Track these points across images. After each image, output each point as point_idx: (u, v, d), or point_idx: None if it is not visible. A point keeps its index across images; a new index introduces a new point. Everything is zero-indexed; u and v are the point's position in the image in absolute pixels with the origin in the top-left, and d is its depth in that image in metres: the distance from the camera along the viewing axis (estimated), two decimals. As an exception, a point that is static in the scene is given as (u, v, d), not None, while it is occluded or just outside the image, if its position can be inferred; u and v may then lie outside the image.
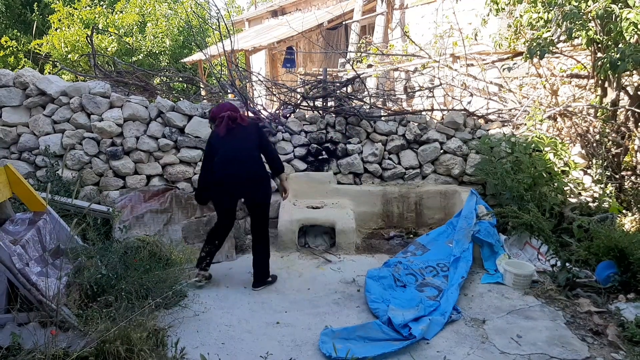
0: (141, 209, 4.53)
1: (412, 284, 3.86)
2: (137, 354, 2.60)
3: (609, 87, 5.28)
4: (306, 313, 3.44)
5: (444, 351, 2.93)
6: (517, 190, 4.58)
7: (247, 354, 2.90)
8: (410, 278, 3.93)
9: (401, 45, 9.01)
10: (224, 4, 23.86)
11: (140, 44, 12.43)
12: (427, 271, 4.06)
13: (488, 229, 4.23)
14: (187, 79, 7.52)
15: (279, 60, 12.15)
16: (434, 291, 3.74)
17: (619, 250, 3.67)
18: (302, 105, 5.83)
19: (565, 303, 3.55)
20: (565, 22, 4.72)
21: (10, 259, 2.86)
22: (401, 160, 5.50)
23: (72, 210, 4.14)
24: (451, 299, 3.52)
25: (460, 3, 7.67)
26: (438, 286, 3.81)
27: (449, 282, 3.83)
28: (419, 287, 3.82)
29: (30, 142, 5.02)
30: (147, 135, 5.17)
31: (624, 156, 5.47)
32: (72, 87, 5.09)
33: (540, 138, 5.02)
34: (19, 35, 12.71)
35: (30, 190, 3.44)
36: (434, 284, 3.85)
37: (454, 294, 3.61)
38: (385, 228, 5.30)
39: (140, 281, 3.20)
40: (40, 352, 2.47)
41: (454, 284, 3.74)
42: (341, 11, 11.01)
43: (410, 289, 3.77)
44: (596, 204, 4.81)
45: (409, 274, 3.98)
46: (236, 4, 24.15)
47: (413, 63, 7.34)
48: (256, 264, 3.88)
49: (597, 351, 2.92)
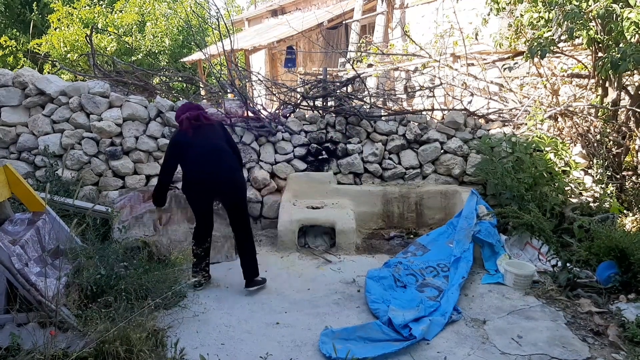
0: (140, 209, 4.51)
1: (413, 284, 3.85)
2: (136, 355, 2.59)
3: (609, 87, 5.27)
4: (306, 313, 3.43)
5: (444, 352, 2.92)
6: (518, 190, 4.57)
7: (246, 354, 2.89)
8: (411, 278, 3.92)
9: (401, 44, 9.00)
10: (223, 3, 23.86)
11: (140, 44, 12.41)
12: (427, 271, 4.05)
13: (489, 229, 4.22)
14: (187, 78, 7.51)
15: (279, 60, 12.14)
16: (435, 291, 3.73)
17: (620, 250, 3.66)
18: (302, 105, 5.82)
19: (566, 303, 3.55)
20: (566, 22, 4.71)
21: (9, 259, 2.85)
22: (401, 160, 5.49)
23: (72, 211, 4.13)
24: (452, 300, 3.52)
25: (461, 2, 7.67)
26: (438, 286, 3.80)
27: (450, 283, 3.82)
28: (419, 287, 3.81)
29: (29, 142, 5.01)
30: (146, 135, 5.16)
31: (625, 156, 5.46)
32: (71, 86, 5.08)
33: (540, 138, 5.01)
34: (18, 34, 12.69)
35: (29, 190, 3.42)
36: (434, 285, 3.84)
37: (455, 294, 3.60)
38: (386, 228, 5.29)
39: (139, 282, 3.19)
40: (40, 352, 2.46)
41: (455, 284, 3.73)
42: (341, 10, 11.00)
43: (410, 290, 3.76)
44: (597, 204, 4.80)
45: (409, 274, 3.97)
46: (236, 4, 24.15)
47: (413, 63, 7.34)
48: (245, 264, 3.79)
49: (597, 352, 2.92)
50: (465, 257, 4.04)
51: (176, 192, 4.68)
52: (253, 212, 5.30)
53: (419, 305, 3.41)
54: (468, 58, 6.50)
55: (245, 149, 5.29)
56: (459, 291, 3.66)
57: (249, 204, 5.24)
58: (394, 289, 3.76)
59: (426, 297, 3.62)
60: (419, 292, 3.72)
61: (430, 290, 3.75)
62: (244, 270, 3.80)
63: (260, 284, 3.84)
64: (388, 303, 3.47)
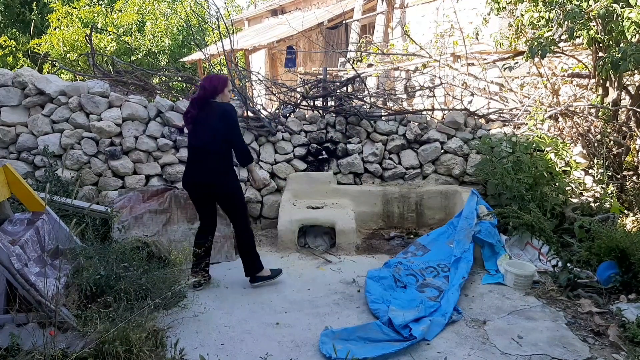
0: (140, 209, 4.51)
1: (413, 284, 3.85)
2: (136, 355, 2.59)
3: (610, 87, 5.26)
4: (306, 313, 3.43)
5: (444, 352, 2.92)
6: (518, 190, 4.57)
7: (246, 354, 2.89)
8: (411, 279, 3.92)
9: (402, 44, 9.00)
10: (223, 3, 23.84)
11: (140, 43, 12.41)
12: (427, 272, 4.04)
13: (489, 229, 4.21)
14: (187, 78, 7.49)
15: (279, 60, 12.14)
16: (435, 292, 3.72)
17: (620, 250, 3.65)
18: (302, 104, 5.81)
19: (566, 303, 3.54)
20: (566, 22, 4.70)
21: (9, 260, 2.84)
22: (402, 160, 5.49)
23: (71, 211, 4.12)
24: (452, 300, 3.51)
25: (461, 2, 7.67)
26: (439, 287, 3.80)
27: (450, 283, 3.81)
28: (419, 287, 3.80)
29: (28, 142, 5.00)
30: (146, 135, 5.15)
31: (626, 156, 5.45)
32: (71, 86, 5.07)
33: (541, 138, 5.01)
34: (17, 34, 12.69)
35: (29, 190, 3.41)
36: (434, 285, 3.84)
37: (455, 294, 3.59)
38: (386, 228, 5.28)
39: (139, 282, 3.18)
40: (39, 352, 2.46)
41: (455, 284, 3.73)
42: (341, 10, 11.00)
43: (410, 290, 3.76)
44: (597, 204, 4.79)
45: (409, 274, 3.96)
46: (236, 3, 24.15)
47: (413, 62, 7.33)
48: (241, 256, 3.85)
49: (598, 352, 2.91)
50: (465, 257, 4.03)
51: (176, 192, 4.68)
52: (253, 212, 5.29)
53: (419, 306, 3.40)
54: (468, 58, 6.50)
55: (245, 149, 5.28)
56: (459, 291, 3.65)
57: (249, 204, 5.25)
58: (394, 289, 3.75)
59: (426, 297, 3.61)
60: (419, 292, 3.72)
61: (431, 291, 3.74)
62: (243, 265, 3.87)
63: (263, 280, 3.86)
64: (388, 303, 3.47)
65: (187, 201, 4.65)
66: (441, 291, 3.72)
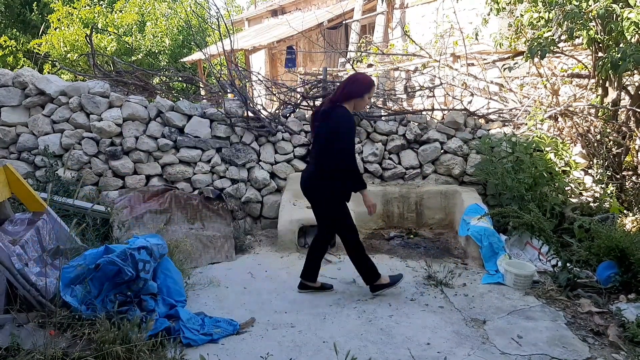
0: (140, 209, 4.51)
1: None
2: (136, 355, 2.59)
3: (609, 87, 5.27)
4: (306, 313, 3.43)
5: (444, 352, 2.92)
6: (518, 190, 4.57)
7: (246, 354, 2.89)
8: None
9: (401, 44, 9.01)
10: (223, 3, 23.86)
11: (140, 44, 12.42)
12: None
13: (487, 229, 4.21)
14: (187, 78, 7.50)
15: (279, 60, 12.15)
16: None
17: (620, 250, 3.65)
18: (302, 105, 5.81)
19: (566, 303, 3.54)
20: (566, 22, 4.71)
21: (9, 260, 2.85)
22: (401, 160, 5.49)
23: (72, 211, 4.13)
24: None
25: (461, 2, 7.66)
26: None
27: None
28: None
29: (29, 142, 5.01)
30: (146, 135, 5.15)
31: (625, 156, 5.46)
32: (71, 86, 5.07)
33: (541, 138, 5.01)
34: (18, 34, 12.69)
35: (29, 190, 3.42)
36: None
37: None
38: (386, 228, 5.29)
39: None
40: (40, 352, 2.46)
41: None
42: (341, 10, 11.01)
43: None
44: (597, 204, 4.79)
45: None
46: (236, 4, 24.16)
47: (413, 62, 7.34)
48: (355, 265, 3.69)
49: (598, 352, 2.91)
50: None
51: (176, 192, 4.69)
52: (253, 212, 5.30)
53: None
54: (468, 58, 6.50)
55: (245, 149, 5.29)
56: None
57: (249, 204, 5.25)
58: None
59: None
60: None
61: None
62: (359, 274, 3.71)
63: (385, 288, 3.68)
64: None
65: (187, 201, 4.67)
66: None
